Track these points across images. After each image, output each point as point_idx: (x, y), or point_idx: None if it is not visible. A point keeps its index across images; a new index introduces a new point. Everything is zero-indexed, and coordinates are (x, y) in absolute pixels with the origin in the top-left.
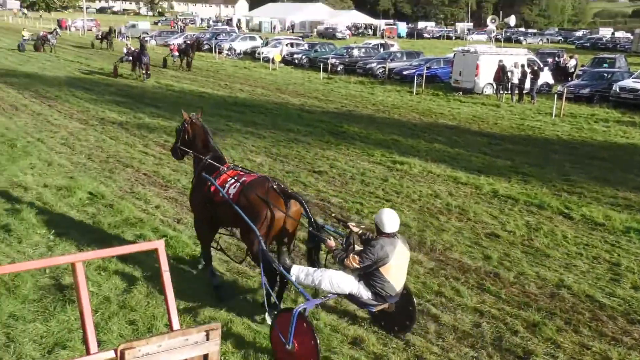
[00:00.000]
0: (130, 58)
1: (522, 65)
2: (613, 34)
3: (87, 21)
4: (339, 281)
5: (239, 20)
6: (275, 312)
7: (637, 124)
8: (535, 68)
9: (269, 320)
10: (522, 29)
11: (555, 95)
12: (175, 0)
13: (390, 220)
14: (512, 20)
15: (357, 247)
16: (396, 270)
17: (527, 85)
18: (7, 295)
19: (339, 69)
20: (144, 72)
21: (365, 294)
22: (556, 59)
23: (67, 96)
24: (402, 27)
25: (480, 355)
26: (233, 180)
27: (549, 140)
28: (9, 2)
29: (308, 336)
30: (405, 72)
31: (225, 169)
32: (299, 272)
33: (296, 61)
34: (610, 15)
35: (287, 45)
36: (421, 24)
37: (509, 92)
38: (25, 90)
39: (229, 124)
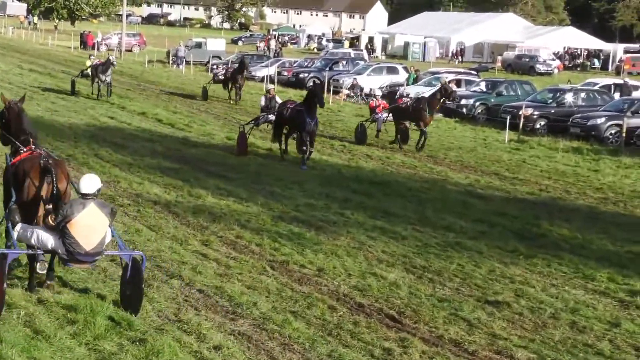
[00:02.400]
0: (271, 118)
1: None
2: None
3: (127, 36)
4: (42, 238)
5: (370, 39)
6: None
7: None
8: None
9: None
10: None
11: None
12: (269, 6)
13: (85, 183)
14: None
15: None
16: (83, 229)
17: None
18: None
19: (537, 125)
20: (304, 152)
21: (62, 250)
22: None
23: (85, 156)
24: None
25: None
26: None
27: None
28: (11, 4)
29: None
30: None
31: (25, 149)
32: (20, 229)
33: (464, 110)
34: None
35: (449, 83)
36: None
37: None
38: None
39: (343, 212)
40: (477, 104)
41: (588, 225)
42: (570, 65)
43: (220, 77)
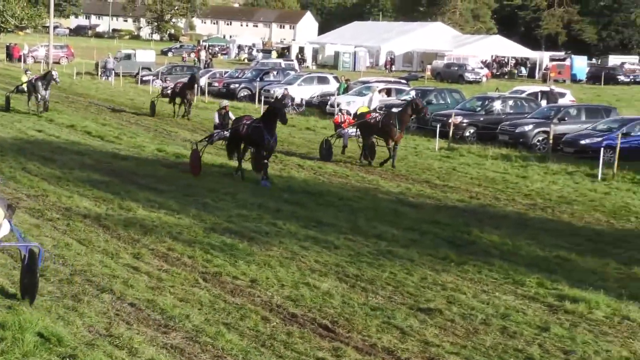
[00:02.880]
0: (225, 134)
1: None
2: None
3: (55, 49)
4: None
5: (300, 49)
6: None
7: None
8: None
9: None
10: None
11: None
12: (199, 17)
13: None
14: None
15: None
16: None
17: None
18: None
19: (467, 133)
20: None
21: None
22: None
23: (12, 170)
24: (580, 64)
25: None
26: None
27: None
28: None
29: None
30: (584, 142)
31: None
32: None
33: None
34: None
35: (380, 92)
36: (614, 59)
37: None
38: None
39: (276, 222)
40: None
41: (517, 231)
42: (498, 73)
43: (168, 91)
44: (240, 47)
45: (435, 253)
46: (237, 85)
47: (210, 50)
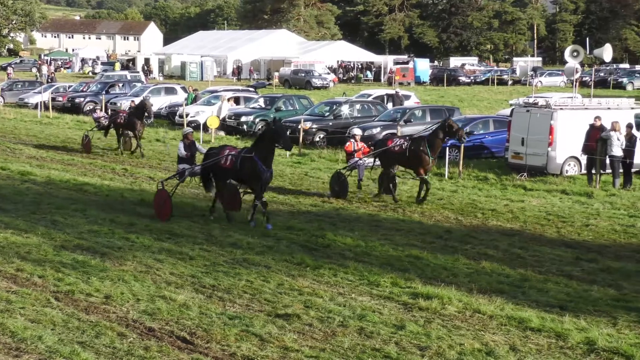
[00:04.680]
0: (197, 170)
1: (629, 126)
2: None
3: None
4: None
5: (146, 61)
6: None
7: None
8: None
9: None
10: (627, 66)
11: None
12: (38, 30)
13: None
14: (607, 52)
15: None
16: None
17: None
18: None
19: (317, 138)
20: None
21: None
22: None
23: None
24: (423, 66)
25: None
26: None
27: None
28: None
29: None
30: None
31: None
32: None
33: (244, 127)
34: None
35: (229, 101)
36: (455, 61)
37: (609, 171)
38: None
39: (129, 236)
40: (257, 120)
41: (370, 232)
42: (344, 78)
43: (104, 121)
44: (83, 60)
45: (290, 259)
46: (82, 99)
47: (52, 64)
